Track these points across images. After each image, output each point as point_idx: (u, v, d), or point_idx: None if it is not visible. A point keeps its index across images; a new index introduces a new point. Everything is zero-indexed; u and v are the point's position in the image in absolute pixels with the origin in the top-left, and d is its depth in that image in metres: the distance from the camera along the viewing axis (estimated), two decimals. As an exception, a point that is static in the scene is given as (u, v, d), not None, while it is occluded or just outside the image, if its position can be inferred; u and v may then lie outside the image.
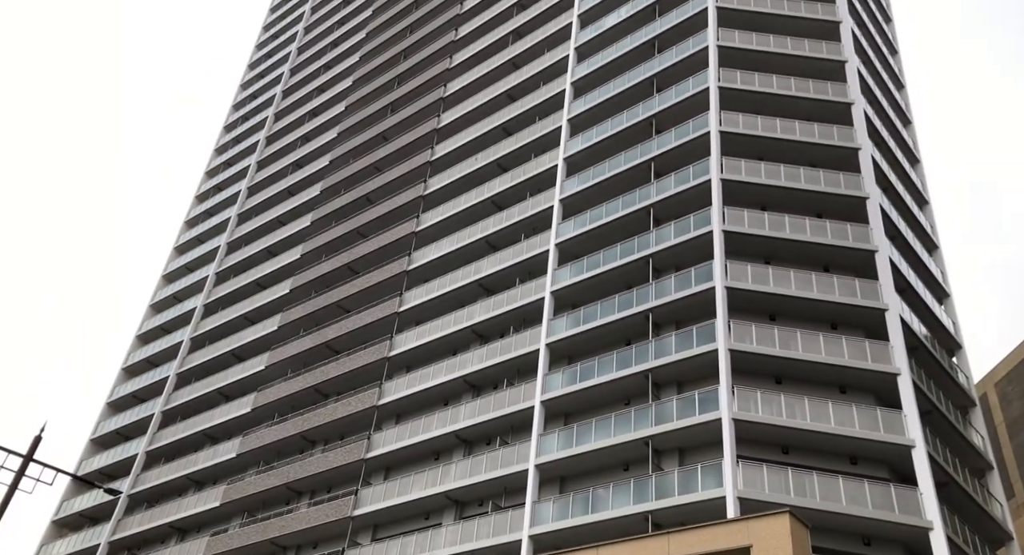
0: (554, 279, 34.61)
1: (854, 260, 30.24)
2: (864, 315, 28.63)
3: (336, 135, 55.42)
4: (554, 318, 33.45)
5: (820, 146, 32.92)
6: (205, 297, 54.02)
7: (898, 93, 41.21)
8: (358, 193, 49.36)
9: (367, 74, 57.49)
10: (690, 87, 35.85)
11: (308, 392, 41.91)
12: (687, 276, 30.35)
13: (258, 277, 51.45)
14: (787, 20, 37.22)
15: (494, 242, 39.96)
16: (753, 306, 29.48)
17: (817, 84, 34.77)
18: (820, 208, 32.03)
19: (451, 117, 47.57)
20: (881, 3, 44.74)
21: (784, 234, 30.34)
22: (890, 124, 37.90)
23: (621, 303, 31.59)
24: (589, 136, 38.46)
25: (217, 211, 61.28)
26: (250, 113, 67.38)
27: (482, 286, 38.55)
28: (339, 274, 46.57)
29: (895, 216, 32.60)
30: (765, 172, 32.23)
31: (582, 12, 44.05)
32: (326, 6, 69.20)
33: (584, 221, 35.50)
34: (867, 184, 31.46)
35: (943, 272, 35.25)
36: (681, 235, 31.61)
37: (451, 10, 54.17)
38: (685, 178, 33.23)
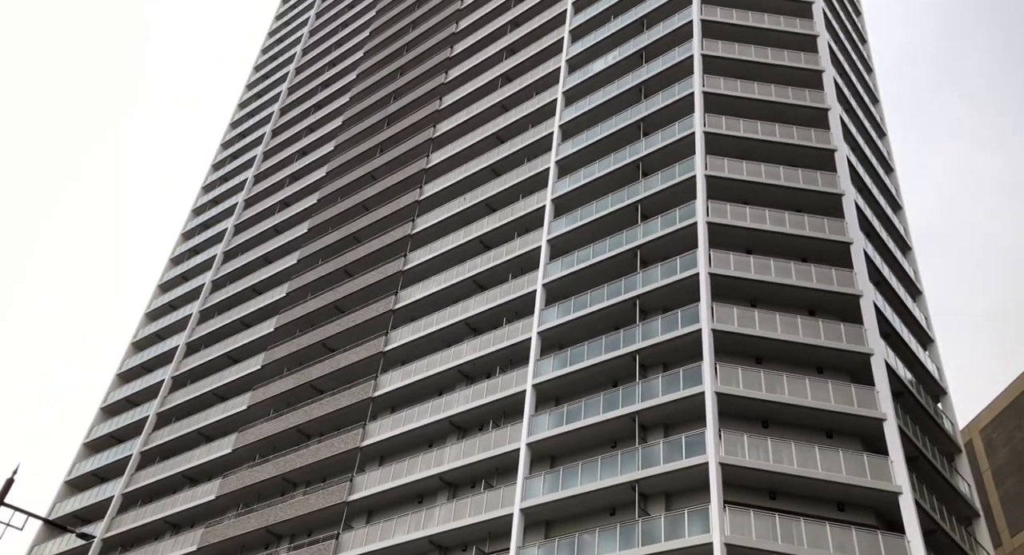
0: (541, 319, 34.55)
1: (839, 304, 30.41)
2: (849, 359, 28.70)
3: (325, 174, 55.63)
4: (541, 359, 33.30)
5: (804, 191, 33.35)
6: (188, 335, 53.47)
7: (880, 141, 41.96)
8: (345, 232, 49.36)
9: (357, 114, 57.98)
10: (676, 131, 36.37)
11: (290, 433, 41.30)
12: (673, 317, 30.39)
13: (242, 315, 51.07)
14: (771, 68, 38.00)
15: (482, 282, 39.94)
16: (739, 349, 29.49)
17: (801, 130, 35.37)
18: (805, 252, 32.32)
19: (440, 157, 47.93)
20: (862, 54, 45.82)
21: (770, 277, 30.52)
22: (872, 171, 38.51)
23: (608, 344, 31.52)
24: (577, 178, 38.81)
25: (203, 248, 61.05)
26: (239, 151, 67.63)
27: (469, 326, 38.41)
28: (325, 313, 46.31)
29: (879, 261, 32.92)
30: (750, 216, 32.56)
31: (570, 57, 44.83)
32: (317, 48, 70.04)
33: (572, 262, 35.62)
34: (851, 229, 31.82)
35: (927, 318, 35.50)
36: (668, 276, 31.74)
37: (441, 53, 55.00)
38: (672, 220, 33.50)
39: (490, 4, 54.41)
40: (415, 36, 58.90)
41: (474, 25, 54.51)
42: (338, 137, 57.54)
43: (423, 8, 60.71)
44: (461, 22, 55.73)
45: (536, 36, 49.19)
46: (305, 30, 73.76)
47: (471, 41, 53.37)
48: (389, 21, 63.47)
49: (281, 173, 59.91)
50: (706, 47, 38.62)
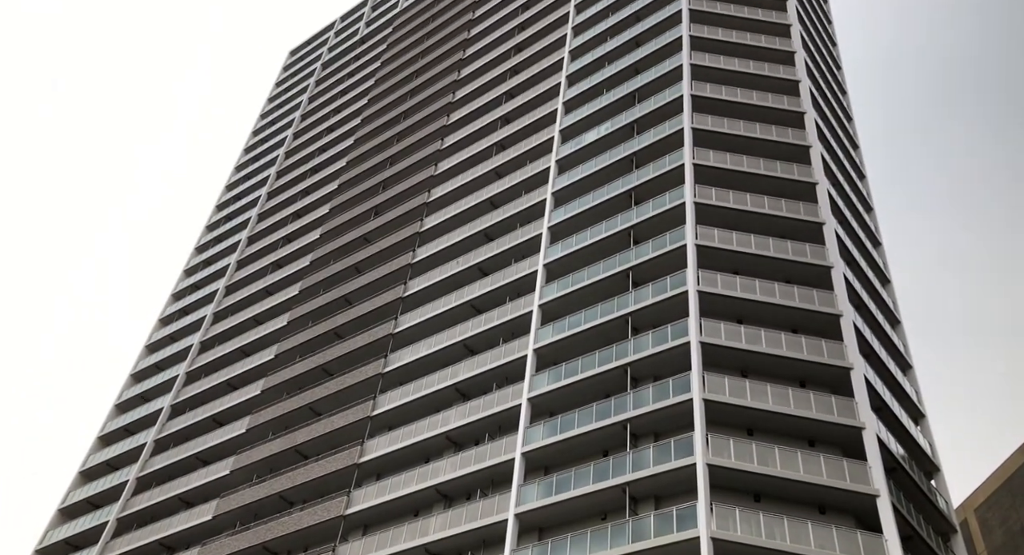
0: (531, 385, 34.25)
1: (830, 376, 30.33)
2: (841, 433, 28.44)
3: (319, 236, 55.95)
4: (530, 426, 32.87)
5: (794, 263, 33.66)
6: (173, 397, 52.71)
7: (867, 215, 42.65)
8: (337, 294, 49.34)
9: (353, 178, 58.72)
10: (667, 201, 36.90)
11: (273, 499, 40.29)
12: (664, 386, 30.20)
13: (229, 377, 50.48)
14: (760, 143, 38.84)
15: (472, 346, 39.76)
16: (731, 420, 29.22)
17: (789, 203, 35.94)
18: (795, 323, 32.40)
19: (434, 222, 48.37)
20: (848, 131, 47.00)
21: (760, 348, 30.50)
22: (860, 245, 39.00)
23: (599, 412, 31.20)
24: (569, 244, 39.13)
25: (192, 309, 60.76)
26: (233, 213, 68.09)
27: (458, 391, 38.04)
28: (313, 376, 45.83)
29: (868, 334, 33.02)
30: (741, 286, 32.77)
31: (564, 128, 45.80)
32: (314, 115, 71.34)
33: (563, 327, 35.58)
34: (840, 302, 32.00)
35: (917, 392, 35.39)
36: (659, 344, 31.67)
37: (438, 121, 56.14)
38: (663, 288, 33.65)
39: (487, 76, 55.86)
40: (412, 104, 60.21)
41: (470, 95, 55.84)
42: (333, 200, 58.12)
43: (421, 78, 62.26)
44: (458, 92, 57.10)
45: (531, 107, 50.35)
46: (304, 97, 75.33)
47: (467, 110, 54.57)
48: (387, 90, 64.95)
49: (275, 235, 60.22)
50: (696, 121, 39.57)
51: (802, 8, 47.52)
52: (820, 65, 46.48)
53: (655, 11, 47.73)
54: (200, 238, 68.35)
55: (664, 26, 46.20)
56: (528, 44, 55.36)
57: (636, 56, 45.77)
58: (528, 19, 57.23)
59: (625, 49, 47.31)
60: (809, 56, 44.56)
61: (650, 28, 46.65)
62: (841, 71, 51.46)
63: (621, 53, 47.38)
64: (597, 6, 51.79)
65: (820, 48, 48.31)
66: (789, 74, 41.79)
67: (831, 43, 52.26)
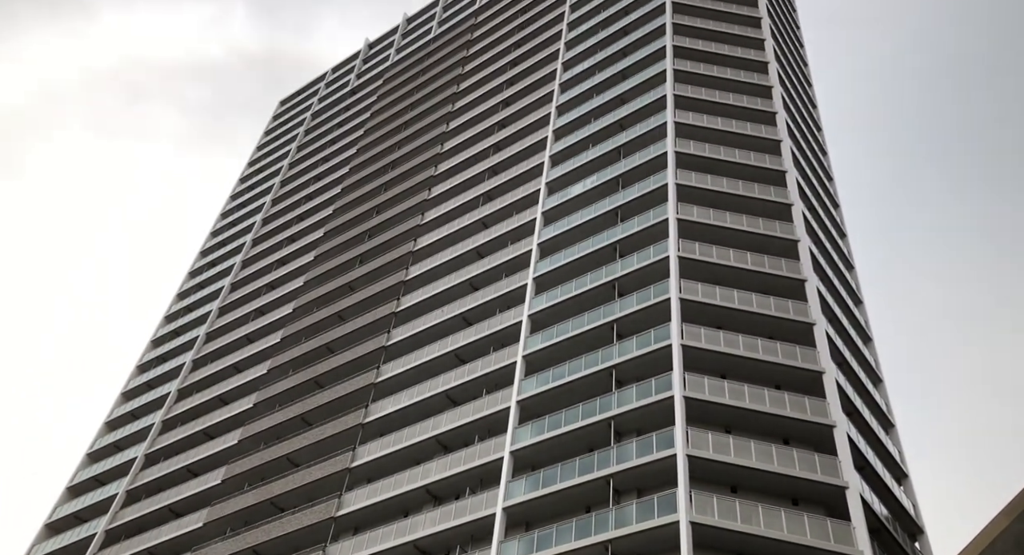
0: (514, 438, 33.84)
1: (813, 434, 30.22)
2: (825, 492, 28.20)
3: (302, 284, 55.75)
4: (512, 480, 32.34)
5: (777, 319, 33.86)
6: (148, 446, 51.58)
7: (848, 273, 43.16)
8: (319, 342, 48.92)
9: (339, 226, 58.84)
10: (651, 255, 37.19)
11: (247, 554, 39.12)
12: (648, 441, 29.93)
13: (206, 426, 49.56)
14: (744, 200, 39.37)
15: (455, 396, 39.37)
16: (715, 476, 28.93)
17: (772, 260, 36.33)
18: (778, 379, 32.42)
19: (419, 270, 48.40)
20: (829, 190, 47.86)
21: (744, 404, 30.41)
22: (842, 302, 39.34)
23: (582, 467, 30.80)
24: (554, 295, 39.21)
25: (171, 357, 59.89)
26: (217, 260, 67.83)
27: (439, 443, 37.49)
28: (292, 425, 45.08)
29: (851, 392, 33.05)
30: (724, 340, 32.84)
31: (550, 180, 46.35)
32: (303, 163, 71.85)
33: (547, 378, 35.38)
34: (823, 359, 32.10)
35: (900, 452, 35.28)
36: (643, 398, 31.51)
37: (426, 171, 56.65)
38: (647, 341, 33.65)
39: (475, 128, 56.69)
40: (401, 154, 60.84)
41: (458, 146, 56.55)
42: (318, 247, 58.11)
43: (410, 129, 63.05)
44: (446, 143, 57.81)
45: (518, 159, 51.01)
46: (293, 145, 75.96)
47: (455, 160, 55.20)
48: (376, 140, 65.64)
49: (258, 282, 59.96)
50: (680, 177, 40.19)
51: (783, 72, 48.88)
52: (801, 125, 47.60)
53: (640, 70, 48.92)
54: (182, 284, 67.87)
55: (649, 84, 47.29)
56: (516, 99, 56.40)
57: (621, 113, 46.72)
58: (516, 75, 58.44)
59: (611, 106, 48.29)
60: (790, 116, 45.66)
61: (635, 87, 47.73)
62: (822, 132, 52.70)
63: (607, 110, 48.34)
64: (584, 64, 53.02)
65: (801, 109, 49.54)
66: (771, 134, 42.73)
67: (812, 105, 53.64)
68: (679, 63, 46.96)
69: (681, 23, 49.70)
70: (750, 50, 48.10)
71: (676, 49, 48.04)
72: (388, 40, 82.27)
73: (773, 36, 49.94)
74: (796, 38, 57.88)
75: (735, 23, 50.29)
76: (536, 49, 59.24)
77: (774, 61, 47.21)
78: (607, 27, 54.79)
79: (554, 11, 61.38)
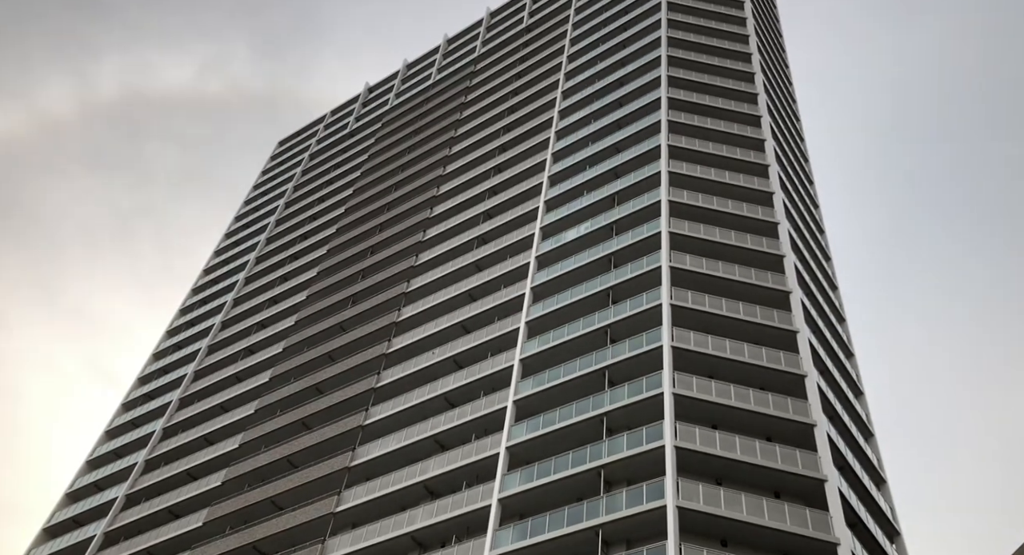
0: (502, 485, 33.35)
1: (804, 488, 29.92)
2: (817, 548, 27.76)
3: (294, 323, 55.49)
4: (500, 528, 31.76)
5: (768, 370, 33.79)
6: (129, 486, 50.62)
7: (839, 325, 43.27)
8: (308, 382, 48.50)
9: (332, 266, 58.86)
10: (644, 302, 37.24)
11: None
12: (638, 492, 29.56)
13: (190, 466, 48.76)
14: (735, 250, 39.60)
15: (443, 441, 38.90)
16: (705, 529, 28.49)
17: (764, 311, 36.42)
18: (769, 431, 32.21)
19: (411, 312, 48.29)
20: (820, 243, 48.27)
21: (735, 455, 30.14)
22: (834, 355, 39.33)
23: (571, 516, 30.31)
24: (546, 339, 39.11)
25: (158, 394, 59.17)
26: (208, 297, 67.53)
27: (427, 488, 36.90)
28: (277, 468, 44.36)
29: (842, 446, 32.86)
30: (716, 390, 32.72)
31: (545, 225, 46.66)
32: (299, 203, 72.09)
33: (537, 425, 35.03)
34: (814, 412, 31.97)
35: (892, 508, 34.91)
36: (634, 447, 31.19)
37: (421, 213, 56.97)
38: (639, 389, 33.47)
39: (471, 172, 57.20)
40: (397, 196, 61.24)
41: (454, 189, 57.00)
42: (311, 287, 58.03)
43: (407, 171, 63.60)
44: (442, 186, 58.28)
45: (513, 204, 51.41)
46: (289, 185, 76.39)
47: (450, 203, 55.58)
48: (372, 182, 66.12)
49: (249, 320, 59.64)
50: (673, 225, 40.51)
51: (776, 126, 49.74)
52: (793, 178, 48.25)
53: (636, 120, 49.66)
54: (172, 321, 67.45)
55: (644, 134, 47.97)
56: (512, 145, 57.12)
57: (616, 161, 47.30)
58: (513, 121, 59.27)
59: (606, 154, 48.91)
60: (782, 169, 46.32)
61: (630, 136, 48.44)
62: (813, 185, 53.41)
63: (602, 157, 48.95)
64: (580, 113, 53.85)
65: (793, 162, 50.29)
66: (764, 186, 43.27)
67: (803, 158, 54.46)
68: (674, 114, 47.76)
69: (676, 76, 50.71)
70: (743, 104, 49.03)
71: (671, 100, 48.93)
72: (388, 85, 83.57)
73: (766, 90, 50.96)
74: (788, 93, 59.07)
75: (729, 77, 51.35)
76: (533, 97, 60.22)
77: (767, 115, 48.09)
78: (603, 78, 55.85)
79: (551, 61, 62.60)
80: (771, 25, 63.99)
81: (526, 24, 70.79)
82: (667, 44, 53.37)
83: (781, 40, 66.11)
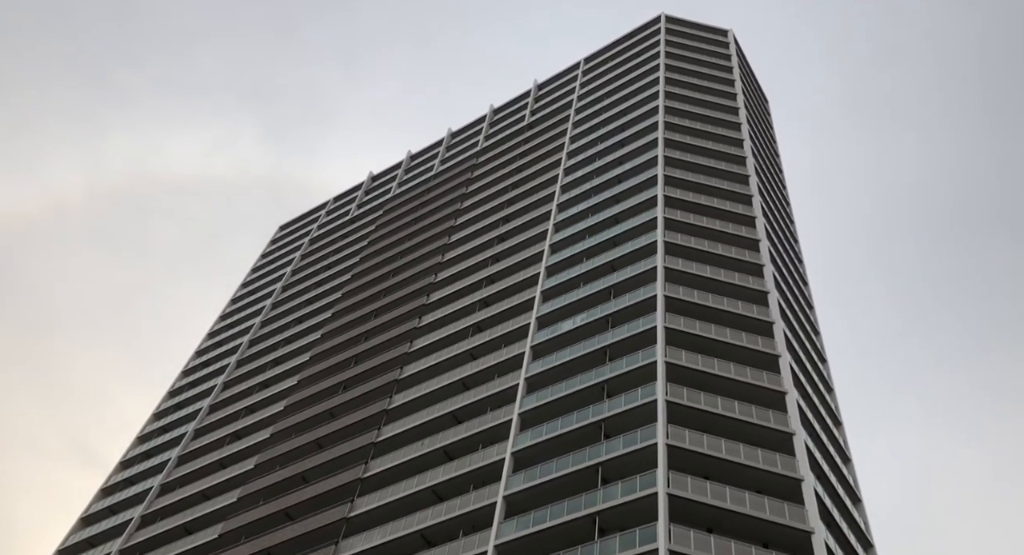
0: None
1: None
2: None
3: (283, 408, 54.64)
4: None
5: (765, 472, 33.21)
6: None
7: (836, 429, 42.74)
8: (293, 470, 47.31)
9: (324, 351, 58.41)
10: (638, 397, 36.85)
11: None
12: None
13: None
14: (731, 348, 39.60)
15: (430, 537, 37.61)
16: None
17: (760, 411, 36.08)
18: (766, 538, 31.31)
19: (402, 400, 47.67)
20: (816, 344, 48.25)
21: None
22: (829, 458, 38.65)
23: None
24: (539, 432, 38.45)
25: (139, 480, 57.51)
26: (199, 380, 66.70)
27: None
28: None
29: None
30: (711, 492, 32.07)
31: (540, 315, 46.71)
32: (296, 287, 72.11)
33: (527, 522, 34.02)
34: (811, 517, 31.22)
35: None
36: (627, 550, 30.29)
37: (418, 299, 57.02)
38: (632, 488, 32.71)
39: (469, 261, 57.67)
40: (394, 282, 61.50)
41: (452, 277, 57.32)
42: (303, 372, 57.47)
43: (405, 258, 64.14)
44: (440, 273, 58.60)
45: (510, 292, 51.60)
46: (288, 269, 76.78)
47: (447, 291, 55.79)
48: (370, 268, 66.51)
49: (238, 404, 58.74)
50: (669, 321, 40.60)
51: (770, 226, 50.67)
52: (788, 278, 48.76)
53: (632, 216, 50.54)
54: (160, 404, 66.33)
55: (640, 230, 48.74)
56: (511, 235, 57.90)
57: (613, 255, 47.86)
58: (512, 213, 60.33)
59: (603, 247, 49.53)
60: (777, 269, 46.84)
61: (627, 231, 49.20)
62: (808, 286, 53.93)
63: (599, 250, 49.52)
64: (578, 207, 54.82)
65: (788, 263, 50.93)
66: (759, 285, 43.65)
67: (798, 260, 55.22)
68: (670, 212, 48.67)
69: (672, 175, 52.01)
70: (738, 204, 50.08)
71: (667, 199, 49.95)
72: (391, 174, 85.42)
73: (760, 193, 52.17)
74: (782, 195, 60.47)
75: (724, 178, 52.62)
76: (532, 190, 61.50)
77: (761, 215, 49.05)
78: (602, 174, 57.21)
79: (551, 157, 64.30)
80: (764, 130, 66.20)
81: (528, 122, 73.13)
82: (664, 145, 55.01)
83: (774, 144, 68.24)
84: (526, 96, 79.40)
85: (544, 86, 79.23)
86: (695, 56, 67.42)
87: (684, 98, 61.17)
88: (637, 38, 73.58)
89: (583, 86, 72.20)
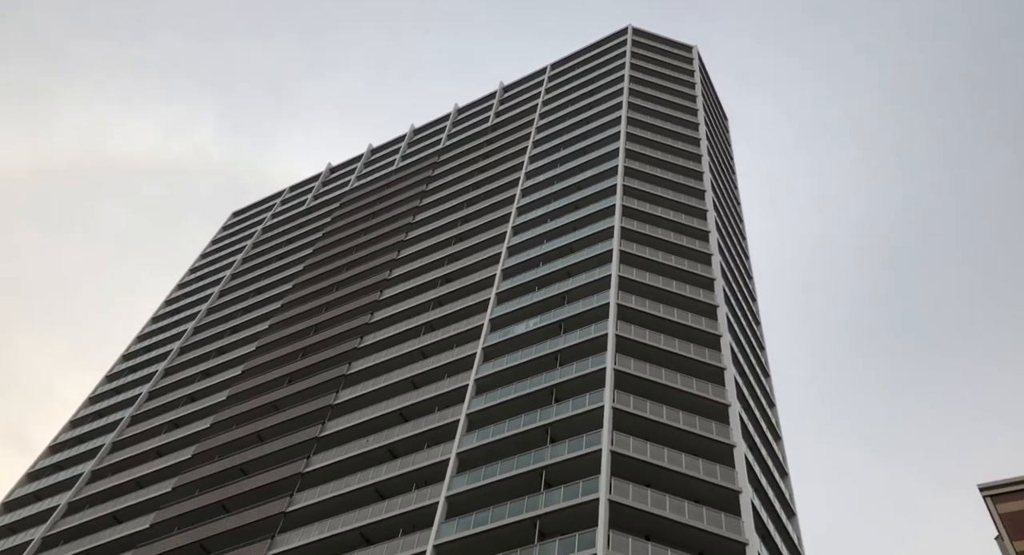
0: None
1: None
2: None
3: (225, 398, 53.56)
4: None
5: (704, 482, 33.78)
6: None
7: (775, 443, 43.69)
8: (231, 463, 46.43)
9: (272, 342, 57.45)
10: (586, 403, 37.19)
11: None
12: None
13: (94, 545, 45.49)
14: (678, 358, 40.19)
15: (369, 535, 37.28)
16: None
17: (703, 422, 36.69)
18: (702, 547, 31.85)
19: (348, 396, 47.17)
20: (760, 359, 49.34)
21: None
22: (768, 472, 39.46)
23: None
24: (485, 434, 38.45)
25: (69, 465, 55.63)
26: (139, 365, 64.85)
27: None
28: (190, 551, 41.71)
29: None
30: (651, 500, 32.51)
31: (494, 317, 46.74)
32: (245, 276, 70.93)
33: (468, 524, 33.97)
34: (747, 529, 31.86)
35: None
36: (566, 554, 30.47)
37: (370, 295, 56.49)
38: (574, 493, 32.89)
39: (425, 258, 57.27)
40: (347, 276, 60.84)
41: (406, 274, 56.91)
42: (247, 362, 56.43)
43: (360, 253, 63.46)
44: (395, 269, 58.14)
45: (463, 293, 51.48)
46: (238, 257, 75.35)
47: (401, 288, 55.38)
48: (323, 260, 65.70)
49: (179, 392, 57.38)
50: (620, 329, 41.02)
51: (723, 241, 51.52)
52: (737, 293, 49.70)
53: (590, 223, 50.93)
54: (96, 388, 64.37)
55: (596, 238, 49.13)
56: (468, 235, 57.82)
57: (569, 261, 48.18)
58: (471, 213, 60.26)
59: (559, 253, 49.80)
60: (727, 284, 47.73)
61: (584, 238, 49.57)
62: (756, 302, 55.05)
63: (555, 256, 49.80)
64: (537, 211, 55.03)
65: (738, 278, 51.91)
66: (709, 298, 44.39)
67: (748, 275, 56.33)
68: (627, 222, 49.19)
69: (631, 185, 52.61)
70: (693, 218, 50.88)
71: (625, 208, 50.51)
72: (351, 167, 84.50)
73: (715, 207, 53.08)
74: (737, 213, 61.63)
75: (681, 192, 53.41)
76: (492, 192, 61.52)
77: (715, 231, 49.92)
78: (562, 180, 57.59)
79: (513, 160, 64.44)
80: (722, 147, 67.43)
81: (491, 123, 73.20)
82: (624, 155, 55.64)
83: (731, 161, 69.57)
84: (491, 97, 79.43)
85: (509, 89, 79.41)
86: (659, 69, 68.38)
87: (646, 110, 61.97)
88: (604, 47, 74.33)
89: (548, 92, 72.59)
